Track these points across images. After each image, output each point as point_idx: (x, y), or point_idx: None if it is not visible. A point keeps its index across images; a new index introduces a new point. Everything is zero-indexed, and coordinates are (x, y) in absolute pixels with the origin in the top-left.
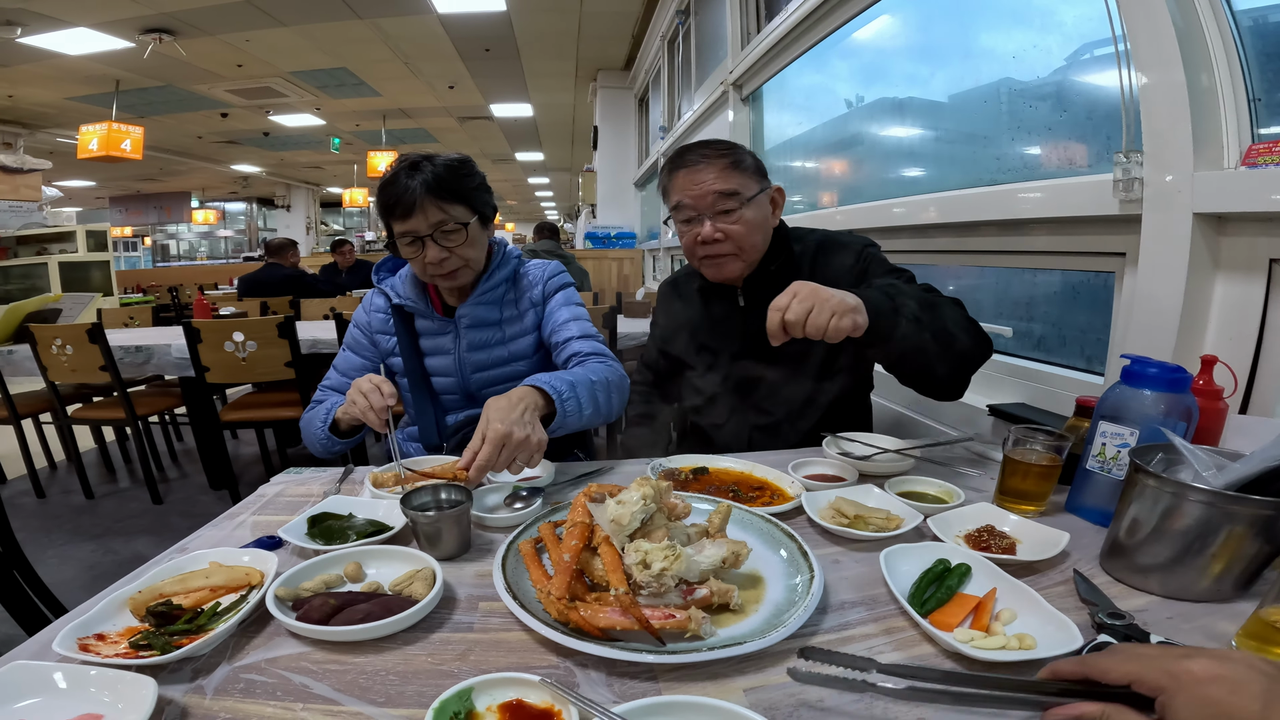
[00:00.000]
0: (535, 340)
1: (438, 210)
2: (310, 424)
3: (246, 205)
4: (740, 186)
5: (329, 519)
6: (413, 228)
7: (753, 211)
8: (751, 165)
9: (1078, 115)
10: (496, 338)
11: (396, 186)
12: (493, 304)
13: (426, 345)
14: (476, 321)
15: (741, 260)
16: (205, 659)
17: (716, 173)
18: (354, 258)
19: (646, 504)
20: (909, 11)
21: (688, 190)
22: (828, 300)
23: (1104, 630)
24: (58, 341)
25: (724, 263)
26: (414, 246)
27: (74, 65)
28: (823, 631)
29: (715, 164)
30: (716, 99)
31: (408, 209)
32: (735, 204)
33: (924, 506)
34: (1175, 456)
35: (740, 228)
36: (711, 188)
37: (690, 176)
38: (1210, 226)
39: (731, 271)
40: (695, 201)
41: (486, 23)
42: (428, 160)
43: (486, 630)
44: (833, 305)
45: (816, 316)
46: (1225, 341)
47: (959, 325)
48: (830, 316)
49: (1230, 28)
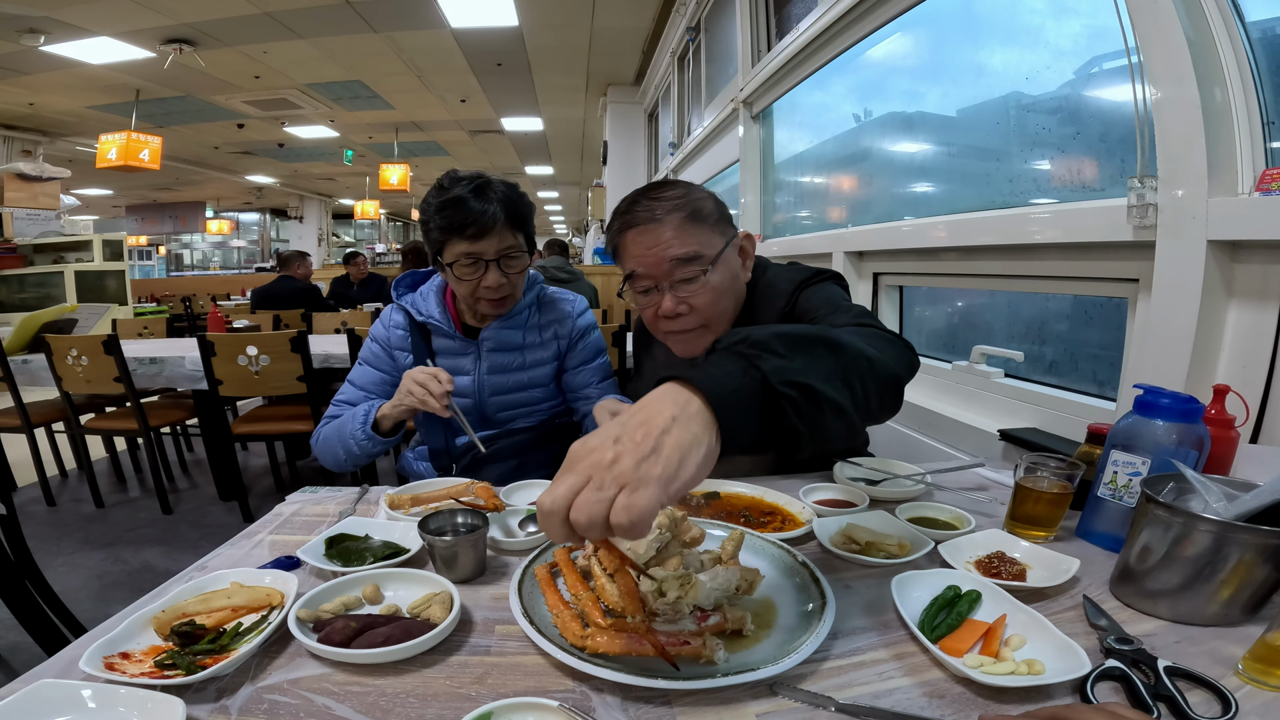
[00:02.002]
0: (555, 370)
1: (510, 235)
2: (337, 433)
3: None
4: (702, 246)
5: (346, 540)
6: (481, 250)
7: (719, 275)
8: (713, 212)
9: (1091, 134)
10: (517, 362)
11: (471, 207)
12: (516, 328)
13: (444, 365)
14: (500, 345)
15: (712, 332)
16: (229, 679)
17: (673, 231)
18: (367, 270)
19: (662, 533)
20: (920, 29)
21: (641, 257)
22: (603, 467)
23: (1112, 655)
24: (73, 352)
25: (691, 338)
26: (473, 268)
27: (95, 74)
28: (833, 657)
29: (670, 220)
30: (727, 116)
31: (482, 230)
32: (698, 269)
33: (935, 533)
34: (1186, 486)
35: (706, 297)
36: (667, 253)
37: (642, 238)
38: (1224, 253)
39: (700, 346)
40: (650, 269)
41: (499, 37)
42: (492, 181)
43: (504, 654)
44: (618, 472)
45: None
46: (1237, 370)
47: (884, 360)
48: (612, 490)
49: (1242, 40)
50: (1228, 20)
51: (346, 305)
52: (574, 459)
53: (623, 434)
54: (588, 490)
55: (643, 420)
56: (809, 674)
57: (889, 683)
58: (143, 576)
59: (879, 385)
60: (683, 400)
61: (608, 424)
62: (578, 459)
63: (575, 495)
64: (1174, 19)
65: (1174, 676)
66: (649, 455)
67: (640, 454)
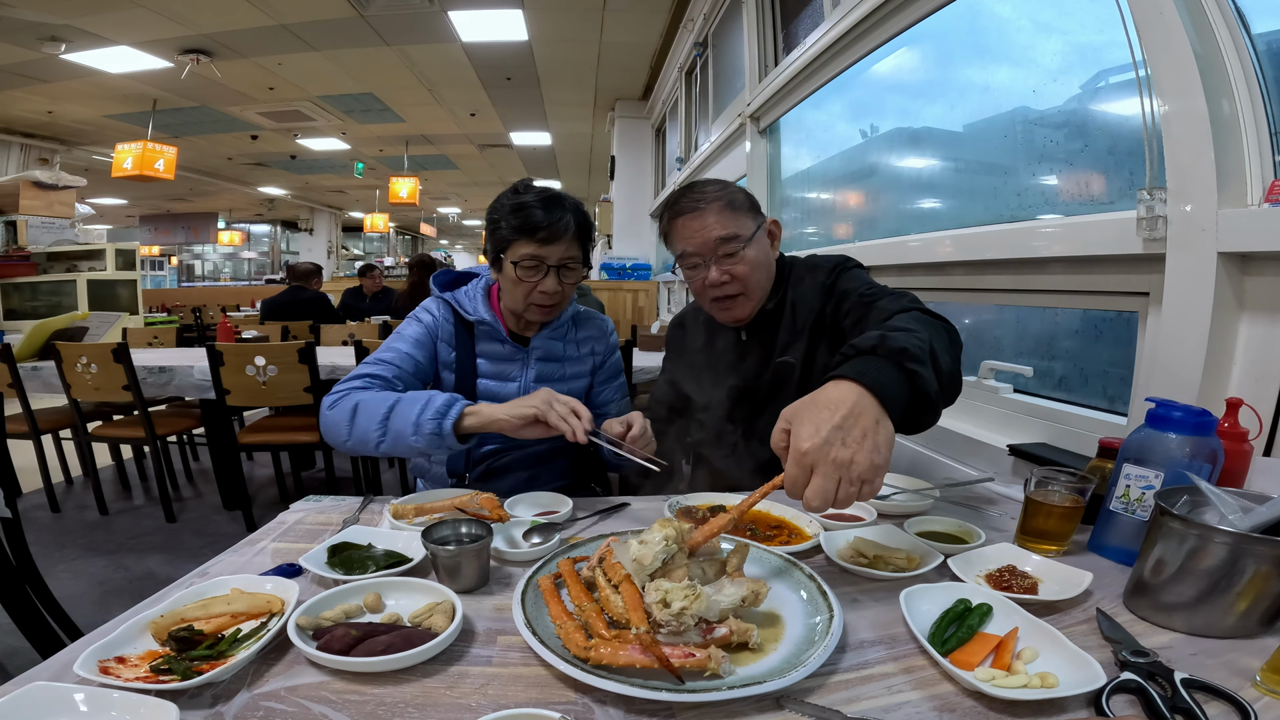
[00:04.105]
0: (588, 385)
1: (575, 247)
2: (383, 409)
3: (271, 228)
4: (739, 228)
5: (349, 548)
6: (547, 254)
7: (754, 250)
8: (745, 203)
9: (1099, 147)
10: (559, 373)
11: (546, 212)
12: (559, 340)
13: (488, 369)
14: (548, 354)
15: (750, 299)
16: (225, 685)
17: (715, 216)
18: (381, 283)
19: (668, 544)
20: (926, 44)
21: (690, 238)
22: (846, 465)
23: (1127, 668)
24: (83, 360)
25: (734, 304)
26: (534, 270)
27: (113, 83)
28: (841, 670)
29: (712, 208)
30: (734, 131)
31: (555, 235)
32: (737, 245)
33: (945, 547)
34: (1200, 499)
35: (745, 268)
36: (713, 233)
37: (690, 223)
38: (1234, 266)
39: (742, 312)
40: (699, 248)
41: (508, 52)
42: (566, 195)
43: (505, 664)
44: (856, 472)
45: (843, 493)
46: (1250, 383)
47: (948, 339)
48: (859, 486)
49: (1249, 52)
50: (1234, 32)
51: (356, 317)
52: (810, 457)
53: (844, 431)
54: (841, 487)
55: (853, 416)
56: (816, 688)
57: (898, 696)
58: (144, 584)
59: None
60: (868, 400)
61: (818, 411)
62: (817, 458)
63: (834, 492)
64: (1181, 32)
65: (1191, 689)
66: (873, 450)
67: (868, 451)
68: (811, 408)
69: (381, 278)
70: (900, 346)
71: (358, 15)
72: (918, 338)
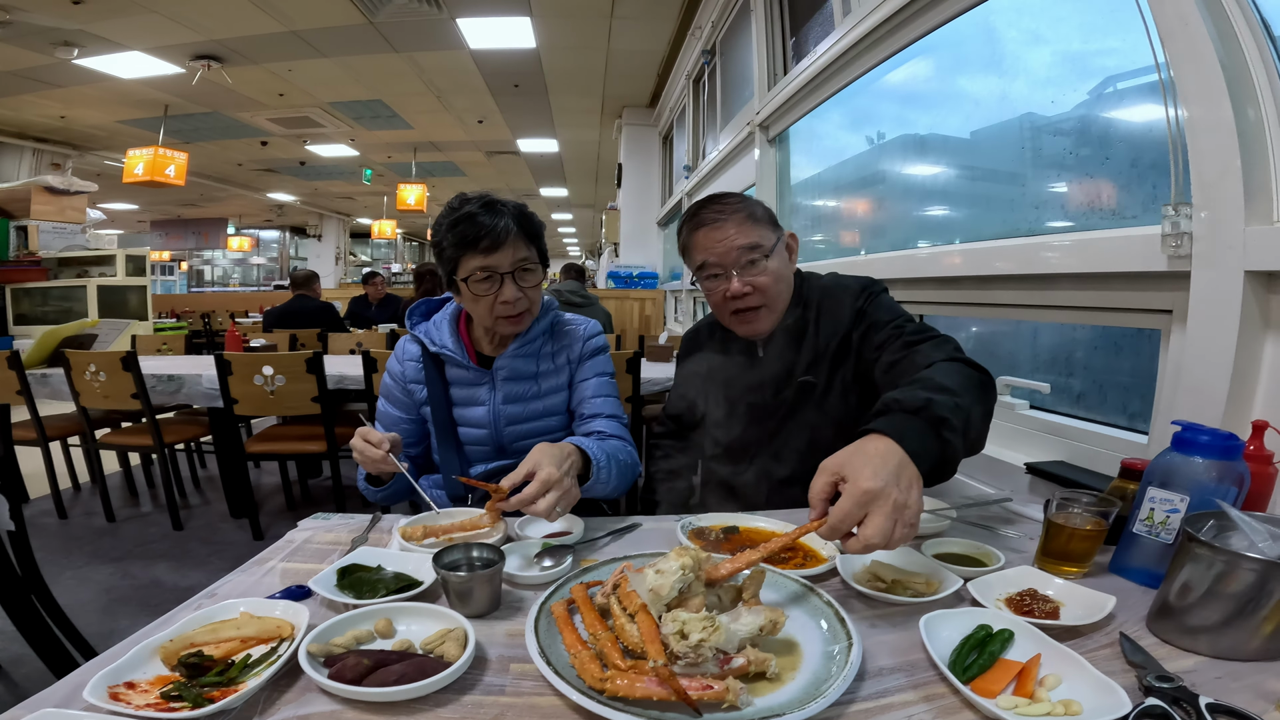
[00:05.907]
0: (569, 397)
1: (524, 248)
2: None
3: (280, 233)
4: (760, 239)
5: (358, 571)
6: (495, 263)
7: (775, 262)
8: (764, 216)
9: (1121, 159)
10: (532, 391)
11: (482, 221)
12: (530, 356)
13: (458, 395)
14: (514, 374)
15: (772, 312)
16: (237, 713)
17: (736, 227)
18: (385, 290)
19: (685, 574)
20: (938, 53)
21: (711, 248)
22: (903, 508)
23: (1152, 693)
24: (91, 368)
25: (755, 317)
26: (488, 283)
27: (126, 88)
28: (860, 700)
29: (733, 219)
30: (743, 140)
31: (495, 243)
32: (759, 255)
33: (964, 570)
34: (1228, 523)
35: (766, 279)
36: (735, 243)
37: (711, 234)
38: (1260, 284)
39: (763, 325)
40: (720, 258)
41: (517, 59)
42: (501, 199)
43: (519, 694)
44: (909, 516)
45: (899, 534)
46: (1276, 404)
47: (984, 402)
48: (908, 529)
49: (1275, 62)
50: (1260, 42)
51: (362, 325)
52: (873, 496)
53: (897, 481)
54: (897, 528)
55: (901, 467)
56: (835, 717)
57: None
58: (151, 592)
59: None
60: (906, 457)
61: (870, 459)
62: (880, 498)
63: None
64: (1207, 43)
65: (1216, 713)
66: (919, 499)
67: (915, 499)
68: (862, 455)
69: (385, 285)
70: (942, 416)
71: (367, 22)
72: (958, 402)
